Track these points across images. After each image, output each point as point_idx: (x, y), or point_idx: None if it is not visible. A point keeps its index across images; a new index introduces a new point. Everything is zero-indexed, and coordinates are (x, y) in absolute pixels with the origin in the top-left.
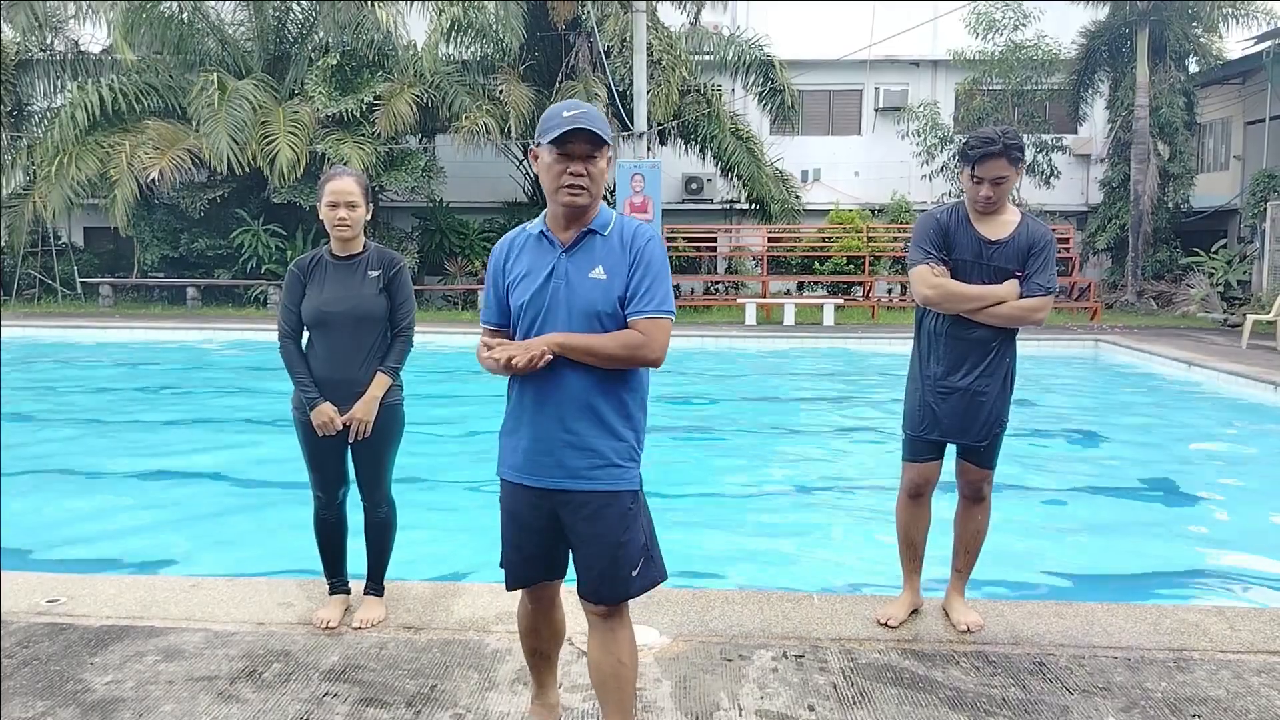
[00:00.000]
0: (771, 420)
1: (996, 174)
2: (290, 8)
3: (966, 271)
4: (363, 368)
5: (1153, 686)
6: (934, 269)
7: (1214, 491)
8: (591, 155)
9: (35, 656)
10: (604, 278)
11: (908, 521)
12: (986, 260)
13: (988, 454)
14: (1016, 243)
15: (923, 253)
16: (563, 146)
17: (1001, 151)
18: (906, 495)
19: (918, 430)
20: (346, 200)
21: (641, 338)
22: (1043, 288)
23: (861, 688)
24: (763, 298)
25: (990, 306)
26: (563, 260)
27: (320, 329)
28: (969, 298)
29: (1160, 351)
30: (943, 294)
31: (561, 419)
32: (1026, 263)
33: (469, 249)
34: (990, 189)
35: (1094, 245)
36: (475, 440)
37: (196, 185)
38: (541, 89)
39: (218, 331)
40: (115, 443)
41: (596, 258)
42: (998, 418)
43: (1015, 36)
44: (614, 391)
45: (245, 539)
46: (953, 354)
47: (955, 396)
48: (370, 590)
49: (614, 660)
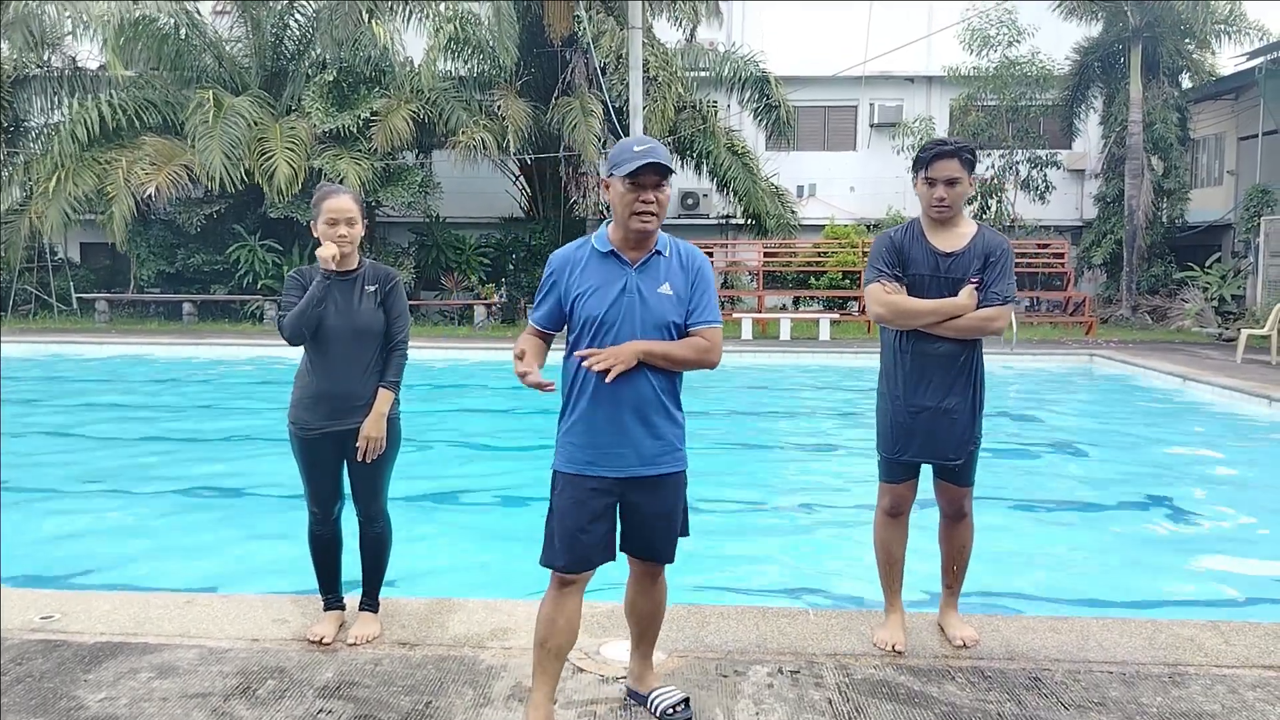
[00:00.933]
0: (766, 435)
1: (949, 174)
2: (287, 24)
3: (924, 286)
4: (361, 382)
5: (1148, 701)
6: (885, 286)
7: (1208, 506)
8: (659, 185)
9: (29, 673)
10: (671, 293)
11: (887, 539)
12: (944, 273)
13: (964, 472)
14: (972, 253)
15: (875, 271)
16: (635, 178)
17: (953, 152)
18: (885, 514)
19: (892, 452)
20: (346, 217)
21: (708, 344)
22: (1000, 296)
23: (857, 703)
24: (759, 312)
25: (947, 320)
26: (634, 277)
27: (318, 343)
28: (922, 312)
29: (1155, 366)
30: (894, 310)
31: (638, 414)
32: (984, 272)
33: (465, 264)
34: (944, 190)
35: (1089, 260)
36: (471, 455)
37: (193, 201)
38: (538, 104)
39: (214, 347)
40: (109, 459)
41: (663, 275)
42: (971, 435)
43: (1010, 53)
44: (672, 388)
45: (239, 555)
46: (918, 370)
47: (925, 415)
48: (365, 606)
49: (654, 604)
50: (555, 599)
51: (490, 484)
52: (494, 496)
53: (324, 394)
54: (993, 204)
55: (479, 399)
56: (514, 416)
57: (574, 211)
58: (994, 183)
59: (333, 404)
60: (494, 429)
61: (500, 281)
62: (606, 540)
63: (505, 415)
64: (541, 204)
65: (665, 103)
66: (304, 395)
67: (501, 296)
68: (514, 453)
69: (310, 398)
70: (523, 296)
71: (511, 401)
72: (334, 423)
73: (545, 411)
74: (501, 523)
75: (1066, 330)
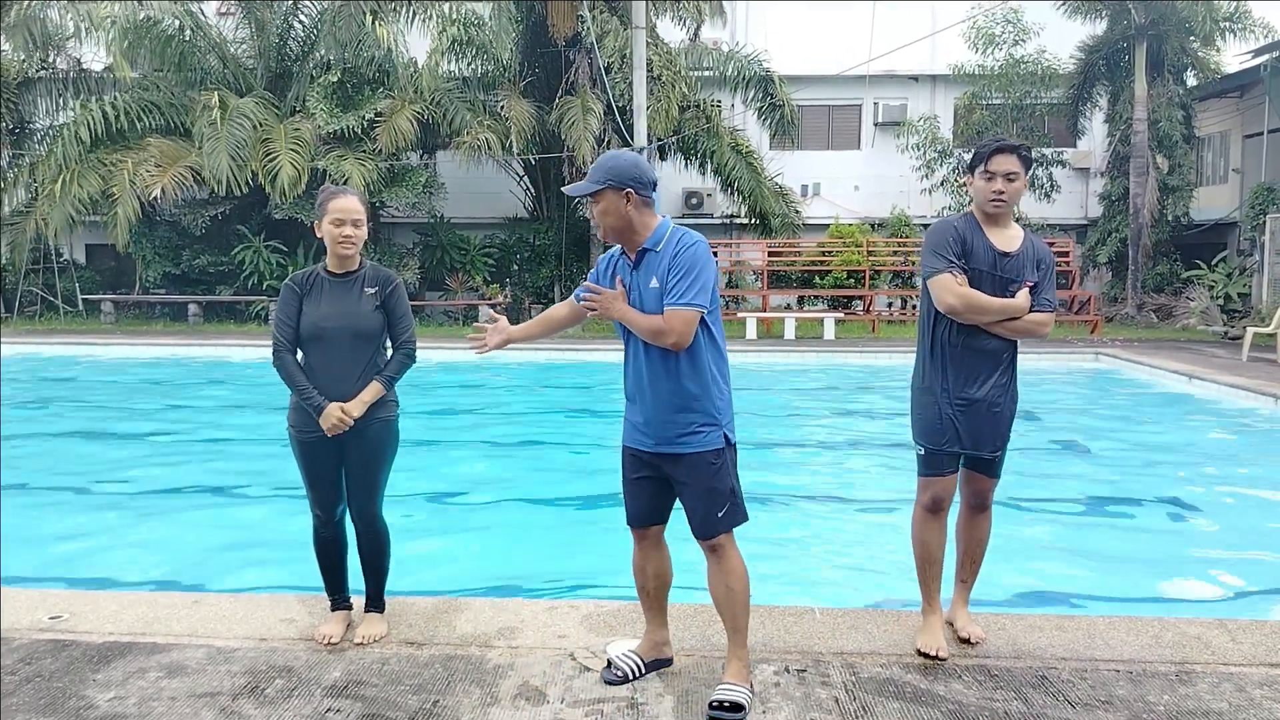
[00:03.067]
0: (771, 434)
1: (1009, 169)
2: (292, 25)
3: (979, 281)
4: (358, 384)
5: (1155, 699)
6: (957, 277)
7: (1214, 504)
8: (594, 200)
9: (38, 673)
10: (657, 285)
11: (927, 538)
12: (1000, 272)
13: (998, 464)
14: (1025, 256)
15: (945, 260)
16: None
17: (1013, 148)
18: (926, 511)
19: (939, 444)
20: (353, 218)
21: (663, 324)
22: (1050, 303)
23: (864, 702)
24: (763, 312)
25: (1007, 320)
26: (633, 276)
27: (317, 344)
28: (992, 309)
29: (1160, 364)
30: (968, 304)
31: (657, 399)
32: (1035, 276)
33: (470, 264)
34: (1003, 183)
35: (1094, 259)
36: (475, 454)
37: (198, 202)
38: (542, 105)
39: (219, 348)
40: (116, 459)
41: (652, 270)
42: (1009, 428)
43: (1014, 51)
44: (681, 374)
45: (247, 555)
46: (967, 365)
47: (974, 408)
48: (371, 607)
49: (722, 586)
50: (634, 551)
51: (496, 483)
52: (499, 496)
53: (322, 394)
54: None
55: (484, 398)
56: (519, 415)
57: (578, 211)
58: None
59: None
60: (499, 428)
61: (505, 282)
62: (653, 504)
63: (510, 415)
64: (546, 204)
65: (669, 102)
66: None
67: (506, 296)
68: (518, 452)
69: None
70: (527, 296)
71: (517, 400)
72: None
73: (551, 411)
74: (507, 522)
75: (1071, 329)
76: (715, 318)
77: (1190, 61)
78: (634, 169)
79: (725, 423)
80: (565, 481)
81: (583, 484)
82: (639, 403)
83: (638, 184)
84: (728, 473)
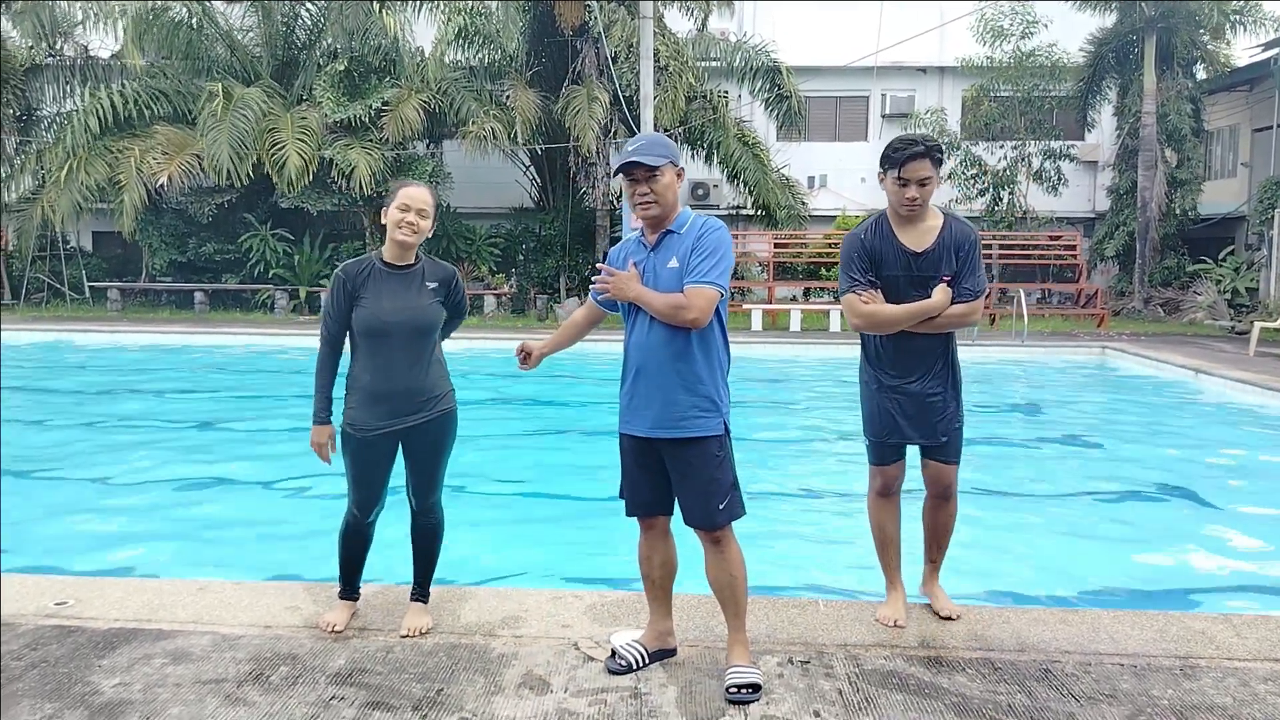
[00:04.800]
0: (776, 426)
1: (921, 175)
2: (298, 13)
3: (898, 286)
4: (420, 377)
5: (1159, 694)
6: (861, 296)
7: (1220, 499)
8: (651, 176)
9: (44, 659)
10: (677, 265)
11: (881, 519)
12: (916, 272)
13: (950, 449)
14: (942, 248)
15: (849, 279)
16: (628, 174)
17: (925, 152)
18: (876, 495)
19: (880, 435)
20: (419, 207)
21: (684, 299)
22: (972, 291)
23: (867, 694)
24: (769, 303)
25: (926, 320)
26: (650, 258)
27: (378, 339)
28: (899, 319)
29: (1167, 359)
30: (872, 321)
31: (663, 378)
32: (955, 266)
33: (476, 254)
34: (916, 190)
35: (1101, 252)
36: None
37: (204, 190)
38: (548, 94)
39: (226, 336)
40: (121, 446)
41: (672, 251)
42: (953, 414)
43: (1023, 44)
44: (691, 356)
45: (252, 542)
46: (901, 363)
47: (912, 400)
48: (416, 597)
49: (726, 575)
50: (640, 539)
51: (499, 473)
52: (503, 485)
53: (384, 393)
54: (1005, 195)
55: (487, 388)
56: (523, 405)
57: (583, 201)
58: (1006, 174)
59: (393, 403)
60: (498, 418)
61: (510, 272)
62: (656, 493)
63: (514, 404)
64: (551, 194)
65: (676, 93)
66: (362, 396)
67: (511, 286)
68: (521, 441)
69: (369, 398)
70: (532, 286)
71: (521, 390)
72: (394, 422)
73: (552, 402)
74: (510, 512)
75: (1078, 323)
76: (724, 309)
77: (1200, 55)
78: (678, 152)
79: (725, 411)
80: (569, 471)
81: (586, 473)
82: (641, 384)
83: (682, 166)
84: (729, 463)
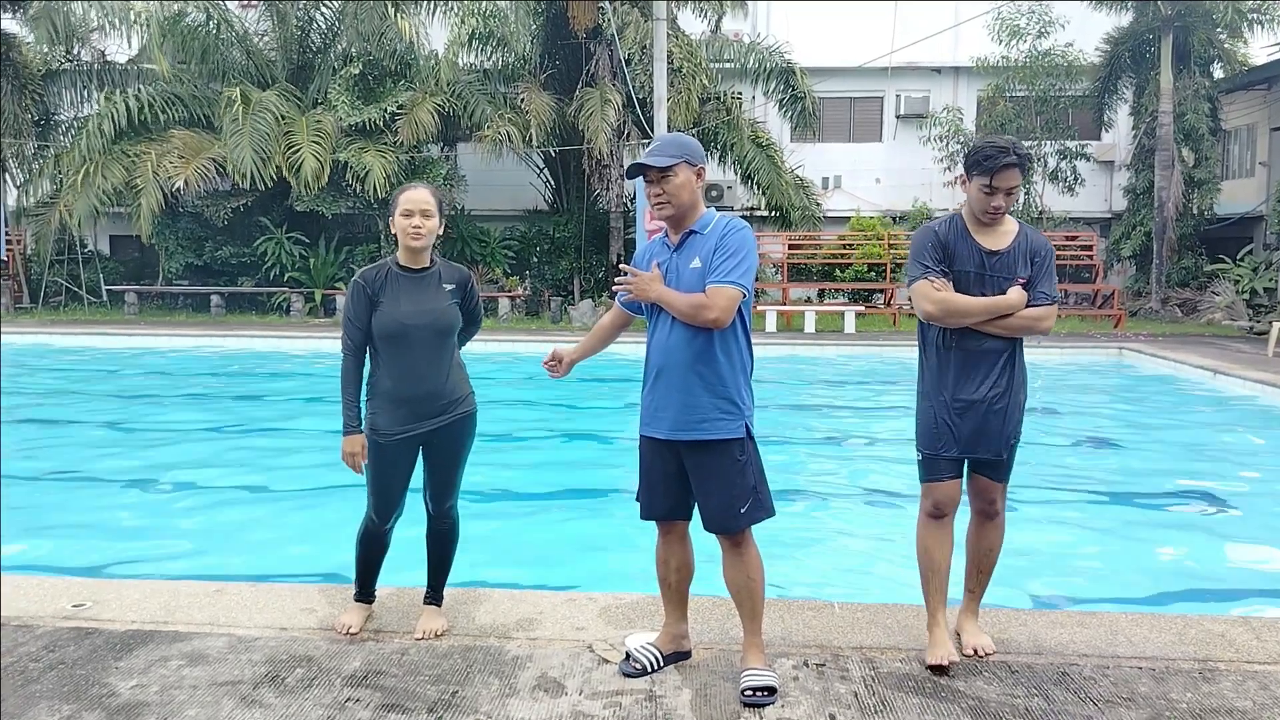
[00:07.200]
0: (791, 428)
1: (1011, 184)
2: (313, 18)
3: (969, 283)
4: (441, 380)
5: (1178, 697)
6: (934, 283)
7: (1239, 500)
8: (663, 176)
9: (61, 660)
10: (700, 265)
11: (931, 546)
12: (989, 271)
13: (1004, 467)
14: (1017, 252)
15: (921, 267)
16: (643, 177)
17: (1016, 162)
18: (929, 517)
19: (935, 448)
20: (421, 209)
21: (705, 299)
22: (1048, 296)
23: (883, 696)
24: (783, 305)
25: (997, 318)
26: (673, 258)
27: (398, 343)
28: (974, 310)
29: (1185, 359)
30: (946, 308)
31: (685, 379)
32: (1030, 271)
33: (490, 257)
34: (1003, 199)
35: (1118, 252)
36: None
37: (220, 194)
38: (562, 97)
39: (241, 339)
40: (139, 449)
41: (695, 251)
42: (1014, 429)
43: (1039, 44)
44: (713, 357)
45: (268, 544)
46: (964, 367)
47: (973, 410)
48: (430, 600)
49: (743, 577)
50: (657, 543)
51: (510, 475)
52: (515, 487)
53: (404, 397)
54: (1020, 195)
55: (502, 390)
56: (535, 407)
57: (597, 204)
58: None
59: (414, 407)
60: (509, 420)
61: (524, 274)
62: (676, 498)
63: (525, 406)
64: (565, 197)
65: (689, 94)
66: (383, 401)
67: (525, 289)
68: (534, 444)
69: (390, 403)
70: (546, 289)
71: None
72: (415, 426)
73: (563, 405)
74: (524, 514)
75: (1095, 323)
76: (748, 309)
77: (1217, 53)
78: (700, 150)
79: (747, 414)
80: (584, 473)
81: (601, 475)
82: (662, 385)
83: (703, 164)
84: (752, 467)
